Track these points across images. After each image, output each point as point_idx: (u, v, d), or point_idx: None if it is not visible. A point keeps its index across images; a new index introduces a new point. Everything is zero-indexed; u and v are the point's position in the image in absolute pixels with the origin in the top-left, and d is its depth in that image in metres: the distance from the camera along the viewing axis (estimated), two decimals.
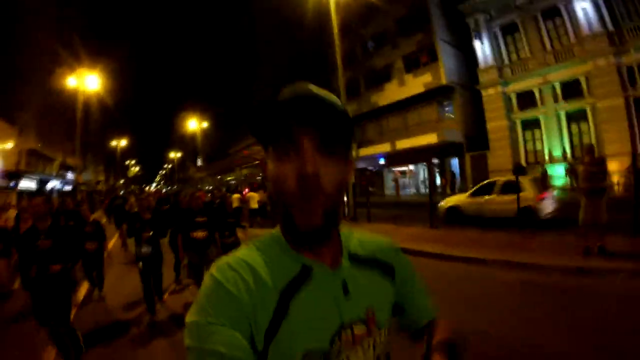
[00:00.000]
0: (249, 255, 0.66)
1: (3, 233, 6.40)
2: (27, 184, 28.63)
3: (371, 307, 0.71)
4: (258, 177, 36.36)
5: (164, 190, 39.98)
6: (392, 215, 12.18)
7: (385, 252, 0.81)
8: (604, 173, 5.67)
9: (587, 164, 5.65)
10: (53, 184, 35.69)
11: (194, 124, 46.43)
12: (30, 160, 29.46)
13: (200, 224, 5.24)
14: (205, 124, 48.75)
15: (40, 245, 3.51)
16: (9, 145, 25.52)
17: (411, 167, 25.71)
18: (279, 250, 0.68)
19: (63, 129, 35.97)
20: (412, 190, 25.64)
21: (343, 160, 0.66)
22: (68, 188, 36.77)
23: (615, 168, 15.77)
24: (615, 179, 15.26)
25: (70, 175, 39.67)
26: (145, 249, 4.99)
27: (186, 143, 65.30)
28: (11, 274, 6.50)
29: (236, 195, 14.42)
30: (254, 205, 13.71)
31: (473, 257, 6.61)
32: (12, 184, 25.70)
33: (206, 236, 5.25)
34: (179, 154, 71.73)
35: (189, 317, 0.59)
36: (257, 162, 33.18)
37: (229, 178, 49.52)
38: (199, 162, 68.36)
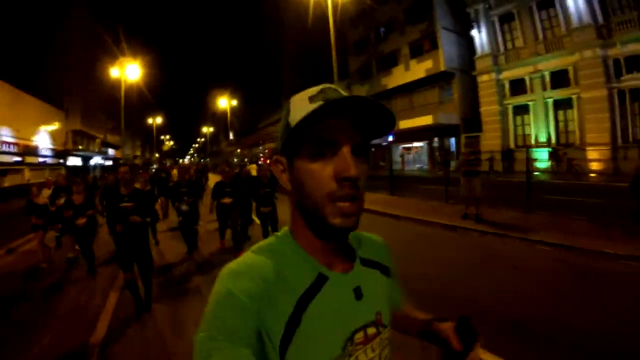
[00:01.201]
0: (261, 261, 0.64)
1: (42, 209, 6.77)
2: (74, 161, 32.22)
3: (379, 308, 0.73)
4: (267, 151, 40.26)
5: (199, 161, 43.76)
6: None
7: (383, 253, 0.84)
8: (478, 160, 7.94)
9: (466, 154, 7.95)
10: (95, 160, 39.00)
11: (225, 102, 49.24)
12: (76, 139, 32.81)
13: (227, 193, 6.60)
14: (235, 102, 51.77)
15: (125, 207, 4.13)
16: (58, 127, 29.05)
17: (417, 144, 27.63)
18: (292, 256, 0.67)
19: (104, 109, 39.45)
20: (417, 166, 27.67)
21: (367, 161, 0.67)
22: (109, 163, 40.47)
23: (595, 156, 17.19)
24: (595, 166, 16.81)
25: (110, 152, 43.84)
26: (185, 207, 6.57)
27: (218, 118, 68.73)
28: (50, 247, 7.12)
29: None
30: (253, 173, 16.02)
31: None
32: (61, 161, 29.33)
33: (231, 202, 6.56)
34: (211, 129, 75.66)
35: (198, 331, 0.57)
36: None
37: (257, 151, 52.76)
38: (231, 136, 71.56)
